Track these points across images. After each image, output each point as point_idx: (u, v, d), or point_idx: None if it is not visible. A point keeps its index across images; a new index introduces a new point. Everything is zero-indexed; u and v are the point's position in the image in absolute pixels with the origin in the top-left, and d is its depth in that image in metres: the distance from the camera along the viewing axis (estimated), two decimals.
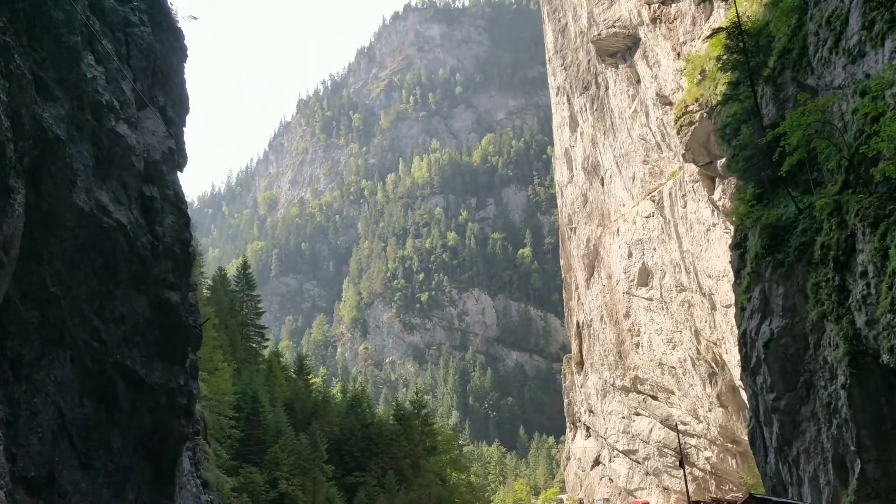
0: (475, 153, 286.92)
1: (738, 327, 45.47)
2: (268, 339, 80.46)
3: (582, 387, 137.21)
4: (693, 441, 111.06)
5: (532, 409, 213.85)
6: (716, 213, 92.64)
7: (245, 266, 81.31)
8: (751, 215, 43.93)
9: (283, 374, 74.93)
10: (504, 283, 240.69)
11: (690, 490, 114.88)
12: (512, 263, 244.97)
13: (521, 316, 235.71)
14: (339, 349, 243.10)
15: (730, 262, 55.56)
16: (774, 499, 31.82)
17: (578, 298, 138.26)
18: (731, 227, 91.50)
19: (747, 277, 43.50)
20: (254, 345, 78.14)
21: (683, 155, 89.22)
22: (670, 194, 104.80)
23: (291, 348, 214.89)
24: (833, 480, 37.23)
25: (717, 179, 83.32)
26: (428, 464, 77.15)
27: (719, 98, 53.89)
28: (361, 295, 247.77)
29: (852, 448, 34.03)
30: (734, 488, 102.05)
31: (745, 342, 43.50)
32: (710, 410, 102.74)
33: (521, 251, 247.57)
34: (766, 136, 41.74)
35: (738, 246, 46.59)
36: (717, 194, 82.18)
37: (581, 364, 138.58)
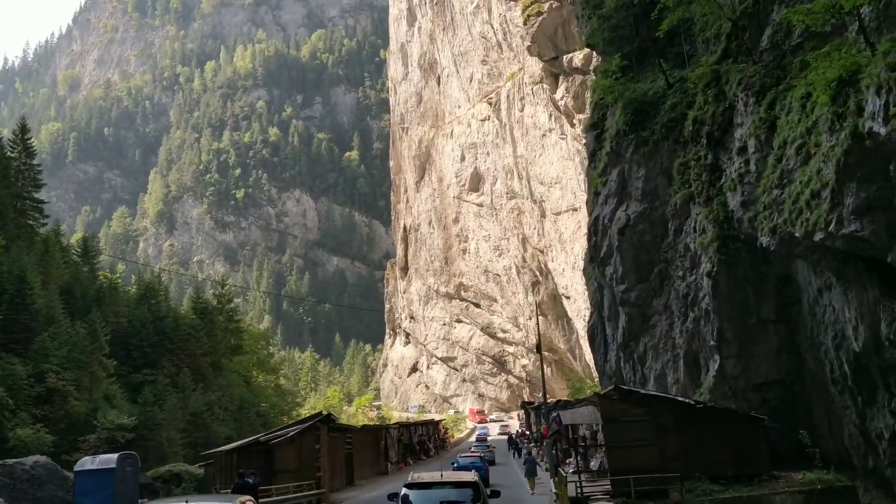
0: (304, 48, 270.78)
1: (590, 214, 41.26)
2: (47, 216, 68.57)
3: (405, 292, 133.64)
4: (511, 349, 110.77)
5: (350, 317, 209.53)
6: (553, 117, 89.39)
7: (24, 130, 68.18)
8: (613, 90, 39.09)
9: (63, 256, 63.91)
10: (328, 185, 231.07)
11: (504, 397, 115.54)
12: (338, 166, 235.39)
13: (344, 220, 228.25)
14: (141, 245, 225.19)
15: (584, 144, 51.13)
16: (642, 390, 27.63)
17: (407, 201, 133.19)
18: (569, 133, 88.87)
19: (604, 159, 39.07)
20: (30, 221, 66.18)
21: (529, 48, 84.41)
22: (508, 97, 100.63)
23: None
24: (682, 378, 34.15)
25: (560, 77, 79.36)
26: (231, 363, 69.75)
27: None
28: (170, 188, 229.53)
29: (711, 343, 30.71)
30: (549, 397, 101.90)
31: (595, 230, 39.35)
32: (530, 318, 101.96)
33: (348, 154, 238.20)
34: None
35: (595, 126, 41.99)
36: (559, 93, 78.29)
37: (405, 269, 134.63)
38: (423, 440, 59.87)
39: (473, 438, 74.06)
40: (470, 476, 14.93)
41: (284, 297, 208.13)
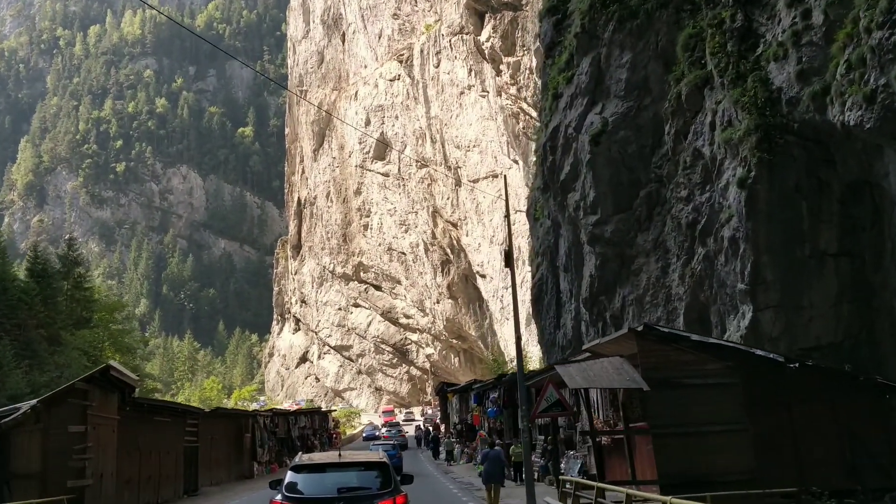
0: (199, 17, 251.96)
1: (545, 127, 30.73)
2: None
3: (296, 273, 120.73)
4: (415, 337, 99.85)
5: (237, 304, 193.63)
6: (474, 72, 79.04)
7: None
8: None
9: None
10: (219, 162, 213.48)
11: (404, 391, 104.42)
12: (230, 142, 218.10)
13: (234, 200, 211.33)
14: (6, 220, 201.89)
15: (538, 34, 39.97)
16: (693, 335, 16.99)
17: (303, 172, 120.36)
18: (491, 87, 78.60)
19: (570, 47, 28.56)
20: None
21: None
22: (422, 51, 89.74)
23: None
24: None
25: (487, 16, 69.01)
26: (73, 338, 55.92)
27: None
28: (42, 158, 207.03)
29: (740, 287, 20.65)
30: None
31: (553, 146, 28.82)
32: (437, 302, 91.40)
33: (241, 129, 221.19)
34: None
35: (554, 10, 31.57)
36: (485, 33, 67.78)
37: (298, 248, 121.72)
38: (305, 434, 47.92)
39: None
40: (376, 456, 11.53)
41: (164, 280, 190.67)
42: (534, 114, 61.45)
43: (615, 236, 25.55)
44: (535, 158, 33.30)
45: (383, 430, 64.57)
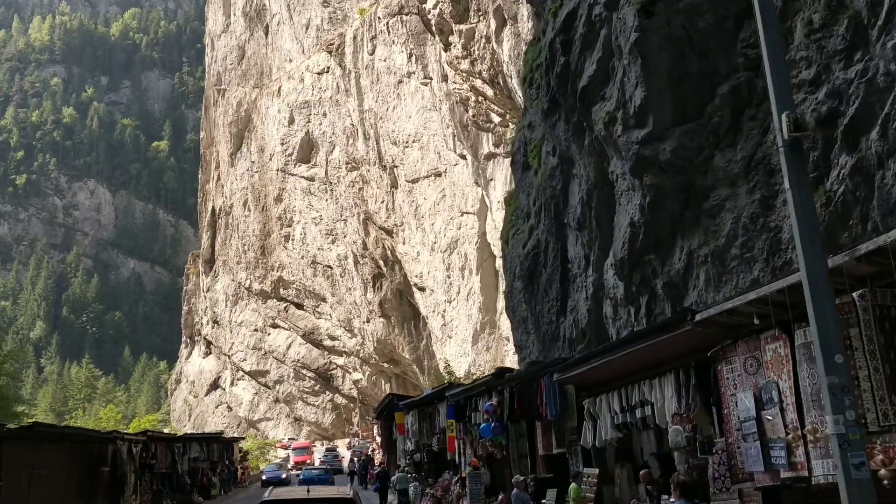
0: (114, 26, 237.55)
1: (554, 16, 21.61)
2: None
3: (208, 291, 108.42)
4: (341, 361, 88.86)
5: (146, 329, 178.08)
6: (414, 57, 70.03)
7: None
8: None
9: None
10: (130, 177, 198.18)
11: (328, 421, 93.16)
12: (143, 156, 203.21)
13: (146, 218, 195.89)
14: None
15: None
16: None
17: (218, 178, 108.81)
18: (435, 72, 69.46)
19: None
20: None
21: None
22: (355, 38, 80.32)
23: None
24: None
25: None
26: None
27: None
28: None
29: None
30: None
31: (564, 42, 19.63)
32: (367, 321, 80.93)
33: (156, 143, 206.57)
34: None
35: None
36: (431, 1, 58.51)
37: (211, 262, 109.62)
38: (199, 469, 36.54)
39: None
40: (345, 491, 12.53)
41: (65, 302, 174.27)
42: (490, 92, 52.54)
43: (678, 158, 16.30)
44: (524, 70, 23.89)
45: (293, 471, 52.22)
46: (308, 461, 59.50)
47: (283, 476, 44.75)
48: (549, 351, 21.58)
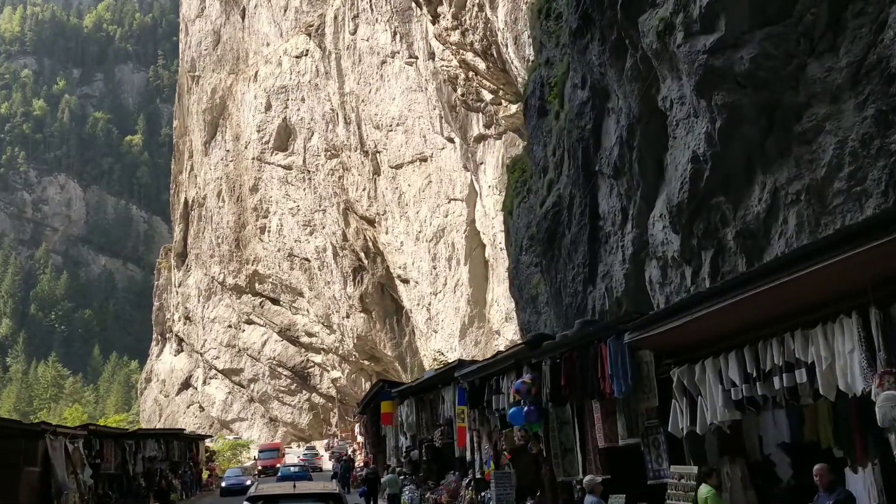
0: (87, 17, 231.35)
1: None
2: None
3: (180, 286, 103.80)
4: (319, 358, 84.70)
5: (117, 327, 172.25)
6: (399, 35, 66.22)
7: None
8: None
9: None
10: (102, 171, 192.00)
11: (305, 422, 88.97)
12: (116, 151, 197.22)
13: (119, 214, 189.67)
14: None
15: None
16: None
17: (191, 169, 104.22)
18: (421, 50, 65.70)
19: None
20: None
21: None
22: (336, 18, 76.41)
23: None
24: None
25: None
26: None
27: None
28: None
29: None
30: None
31: None
32: (347, 316, 76.89)
33: (129, 137, 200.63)
34: None
35: None
36: None
37: (184, 256, 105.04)
38: (157, 470, 32.10)
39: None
40: (331, 486, 12.84)
41: (33, 299, 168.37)
42: (482, 66, 48.75)
43: (759, 69, 12.58)
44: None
45: (260, 476, 46.81)
46: (279, 466, 53.31)
47: (248, 483, 37.17)
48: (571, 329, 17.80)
